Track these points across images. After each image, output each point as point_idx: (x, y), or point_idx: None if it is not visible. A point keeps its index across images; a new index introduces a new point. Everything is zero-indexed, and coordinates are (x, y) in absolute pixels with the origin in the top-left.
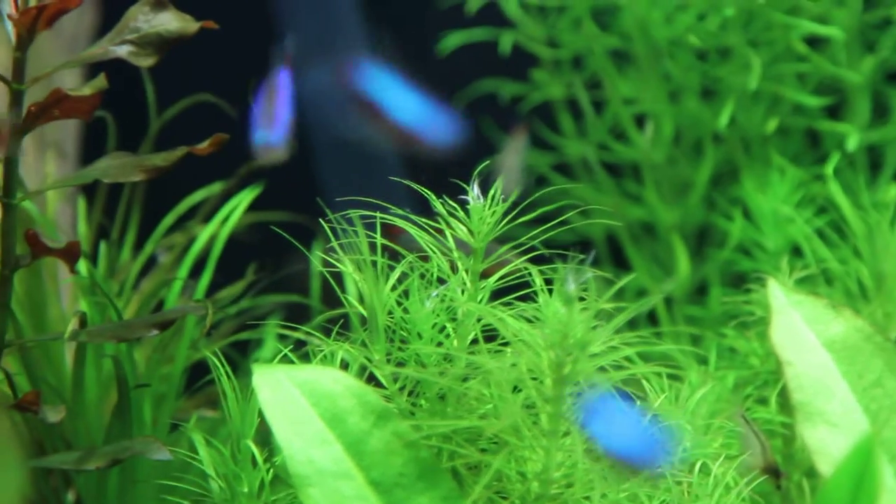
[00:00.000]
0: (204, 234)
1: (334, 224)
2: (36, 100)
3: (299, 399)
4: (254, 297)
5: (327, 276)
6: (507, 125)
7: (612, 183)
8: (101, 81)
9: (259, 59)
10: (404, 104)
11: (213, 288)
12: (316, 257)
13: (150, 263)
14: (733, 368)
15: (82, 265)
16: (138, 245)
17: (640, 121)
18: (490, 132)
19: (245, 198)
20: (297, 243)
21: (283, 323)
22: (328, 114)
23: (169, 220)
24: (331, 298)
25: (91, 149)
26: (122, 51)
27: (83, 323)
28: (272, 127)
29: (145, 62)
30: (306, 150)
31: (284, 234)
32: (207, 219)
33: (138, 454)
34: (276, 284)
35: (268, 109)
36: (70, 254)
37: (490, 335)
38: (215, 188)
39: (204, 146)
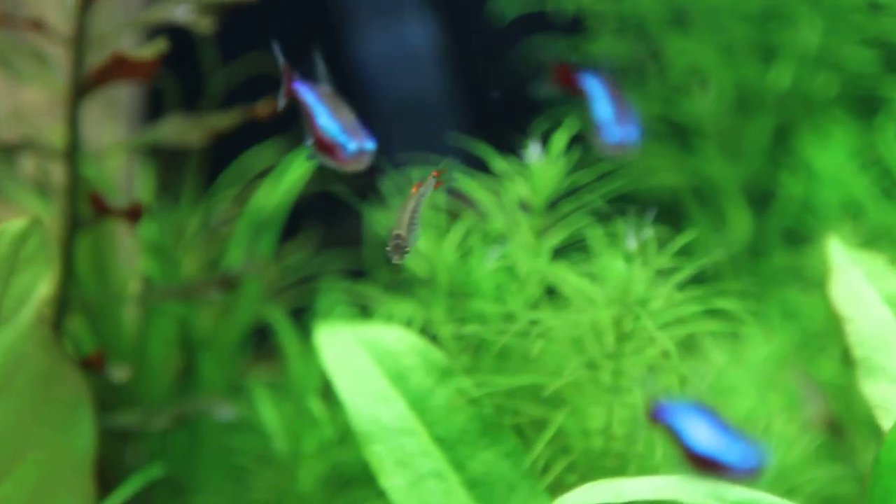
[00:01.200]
0: (264, 194)
1: (395, 183)
2: (96, 63)
3: (363, 357)
4: (315, 256)
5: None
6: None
7: (674, 143)
8: (160, 45)
9: (313, 23)
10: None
11: (275, 248)
12: (376, 216)
13: (212, 224)
14: (794, 325)
15: (144, 226)
16: (199, 206)
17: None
18: (546, 94)
19: (303, 157)
20: (356, 203)
21: (345, 282)
22: (390, 73)
23: (230, 179)
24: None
25: (156, 111)
26: (181, 15)
27: (147, 284)
28: (623, 125)
29: (204, 27)
30: (367, 108)
31: (344, 193)
32: (265, 179)
33: (203, 413)
34: (336, 244)
35: (621, 109)
36: (133, 214)
37: (552, 293)
38: (273, 148)
39: (264, 107)
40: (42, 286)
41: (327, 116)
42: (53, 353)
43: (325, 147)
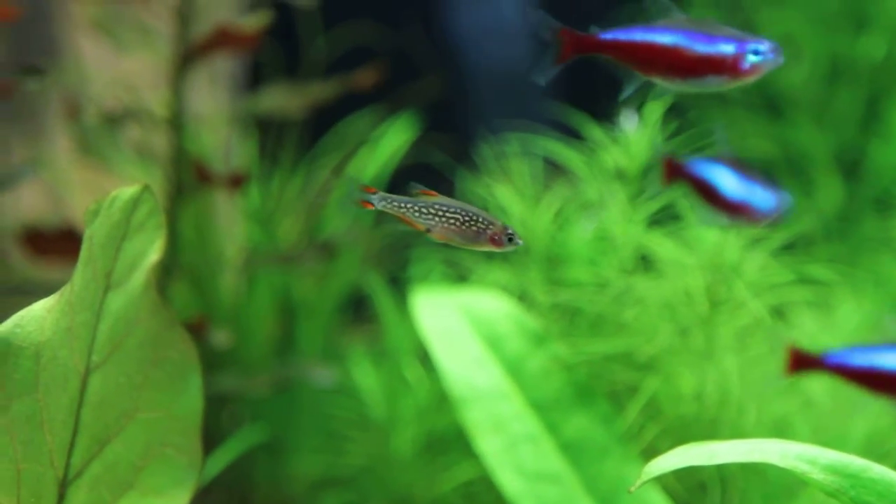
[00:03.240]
0: (362, 162)
1: (493, 151)
2: (200, 34)
3: (459, 322)
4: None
5: (486, 201)
6: None
7: (766, 113)
8: (262, 17)
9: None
10: None
11: (370, 215)
12: (472, 184)
13: (311, 191)
14: (885, 292)
15: (245, 194)
16: (299, 174)
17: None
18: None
19: (403, 126)
20: (452, 171)
21: (440, 249)
22: (486, 42)
23: (327, 148)
24: None
25: (258, 81)
26: None
27: (248, 251)
28: (769, 188)
29: (306, 2)
30: (463, 77)
31: (441, 161)
32: (363, 147)
33: (301, 379)
34: None
35: (753, 175)
36: (235, 182)
37: (645, 261)
38: (373, 117)
39: (365, 76)
40: (153, 252)
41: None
42: (163, 318)
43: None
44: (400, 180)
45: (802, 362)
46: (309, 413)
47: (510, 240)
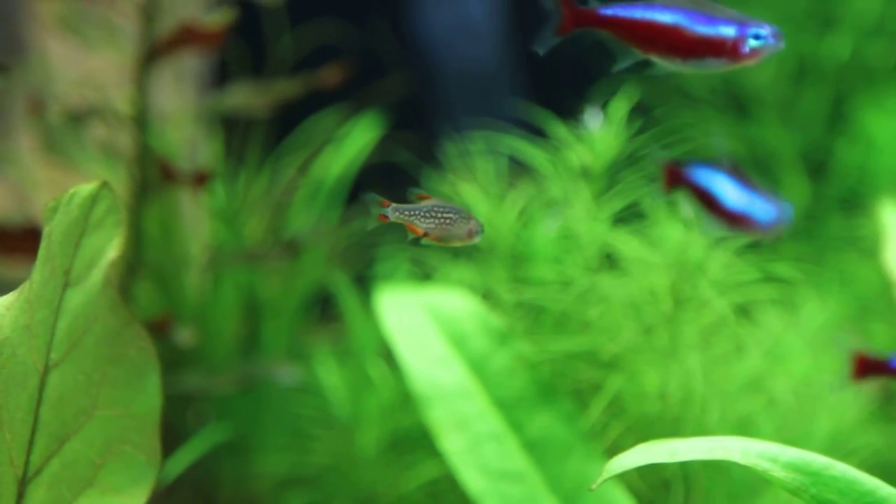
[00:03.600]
0: (327, 161)
1: (458, 149)
2: (164, 32)
3: (423, 321)
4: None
5: (451, 200)
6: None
7: (732, 111)
8: (226, 15)
9: None
10: None
11: (339, 214)
12: (437, 182)
13: (275, 190)
14: (850, 292)
15: (210, 192)
16: (264, 172)
17: None
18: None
19: (368, 125)
20: (416, 169)
21: (405, 248)
22: (452, 41)
23: (293, 147)
24: None
25: (224, 78)
26: None
27: (213, 249)
28: (771, 200)
29: (272, 2)
30: (429, 76)
31: (405, 160)
32: (328, 146)
33: (266, 377)
34: None
35: (755, 187)
36: (199, 180)
37: (610, 259)
38: (338, 116)
39: (331, 74)
40: (111, 249)
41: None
42: (121, 315)
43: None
44: (365, 179)
45: (869, 367)
46: (274, 412)
47: (480, 231)
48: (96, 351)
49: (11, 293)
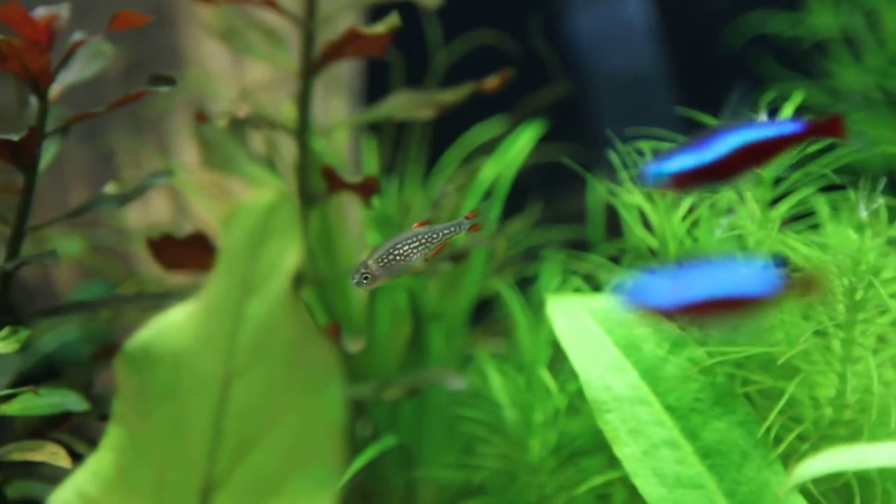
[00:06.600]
0: (489, 170)
1: (619, 157)
2: (323, 41)
3: (594, 327)
4: (539, 228)
5: (616, 207)
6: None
7: (892, 114)
8: (393, 20)
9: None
10: None
11: (500, 221)
12: (599, 190)
13: (438, 198)
14: None
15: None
16: (424, 180)
17: None
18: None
19: (527, 134)
20: (582, 176)
21: (569, 254)
22: (612, 48)
23: (454, 155)
24: (615, 230)
25: (375, 87)
26: None
27: None
28: None
29: (430, 3)
30: (585, 86)
31: (571, 166)
32: (490, 154)
33: (434, 384)
34: (557, 218)
35: None
36: (366, 188)
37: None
38: (497, 124)
39: (491, 82)
40: (291, 257)
41: None
42: (304, 323)
43: None
44: (527, 184)
45: None
46: (440, 418)
47: (361, 276)
48: (279, 359)
49: (189, 302)
